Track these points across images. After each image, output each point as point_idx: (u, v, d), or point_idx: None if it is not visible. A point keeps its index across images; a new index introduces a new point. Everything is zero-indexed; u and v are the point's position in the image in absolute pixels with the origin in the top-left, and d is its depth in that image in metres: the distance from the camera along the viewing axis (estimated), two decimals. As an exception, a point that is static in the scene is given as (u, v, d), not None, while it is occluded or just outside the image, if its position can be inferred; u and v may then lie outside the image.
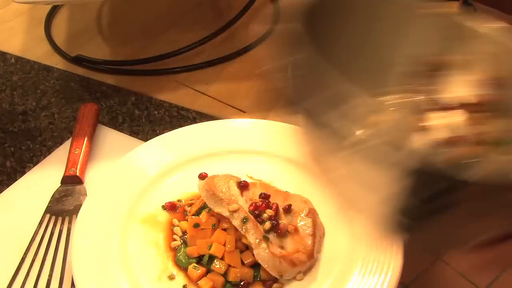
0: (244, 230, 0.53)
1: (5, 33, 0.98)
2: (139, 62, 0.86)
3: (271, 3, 0.97)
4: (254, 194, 0.58)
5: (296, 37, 0.37)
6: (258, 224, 0.54)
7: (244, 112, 0.78)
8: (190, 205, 0.60)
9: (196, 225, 0.56)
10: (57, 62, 0.90)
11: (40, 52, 0.92)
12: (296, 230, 0.56)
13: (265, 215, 0.55)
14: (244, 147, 0.67)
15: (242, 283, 0.53)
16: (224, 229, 0.55)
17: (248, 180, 0.61)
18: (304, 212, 0.57)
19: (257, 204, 0.56)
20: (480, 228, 0.34)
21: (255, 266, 0.54)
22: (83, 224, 0.56)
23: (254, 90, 0.82)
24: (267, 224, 0.54)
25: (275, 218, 0.55)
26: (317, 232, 0.56)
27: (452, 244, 0.42)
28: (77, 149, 0.67)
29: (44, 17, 1.00)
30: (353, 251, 0.55)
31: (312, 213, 0.57)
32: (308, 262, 0.53)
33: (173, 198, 0.61)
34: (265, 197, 0.57)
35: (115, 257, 0.54)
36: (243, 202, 0.55)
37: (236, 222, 0.53)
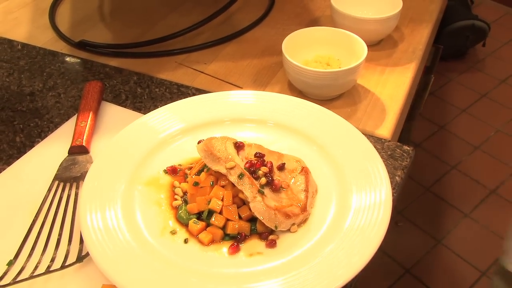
0: (240, 185, 0.56)
1: (10, 23, 1.02)
2: (141, 45, 0.90)
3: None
4: (249, 153, 0.61)
5: None
6: (254, 180, 0.57)
7: (241, 87, 0.81)
8: (190, 168, 0.64)
9: (196, 184, 0.59)
10: (61, 47, 0.94)
11: (45, 39, 0.96)
12: (289, 186, 0.59)
13: (260, 172, 0.58)
14: (240, 116, 0.70)
15: (239, 236, 0.56)
16: (222, 186, 0.58)
17: (245, 144, 0.64)
18: (297, 170, 0.60)
19: (253, 162, 0.59)
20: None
21: (252, 220, 0.57)
22: (90, 185, 0.60)
23: (250, 68, 0.86)
24: (263, 180, 0.57)
25: (269, 174, 0.58)
26: (310, 188, 0.59)
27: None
28: (83, 122, 0.71)
29: (48, 7, 1.04)
30: (344, 208, 0.58)
31: (305, 171, 0.60)
32: (301, 214, 0.57)
33: (174, 163, 0.65)
34: (260, 156, 0.61)
35: (120, 215, 0.58)
36: (239, 160, 0.59)
37: (233, 178, 0.57)
